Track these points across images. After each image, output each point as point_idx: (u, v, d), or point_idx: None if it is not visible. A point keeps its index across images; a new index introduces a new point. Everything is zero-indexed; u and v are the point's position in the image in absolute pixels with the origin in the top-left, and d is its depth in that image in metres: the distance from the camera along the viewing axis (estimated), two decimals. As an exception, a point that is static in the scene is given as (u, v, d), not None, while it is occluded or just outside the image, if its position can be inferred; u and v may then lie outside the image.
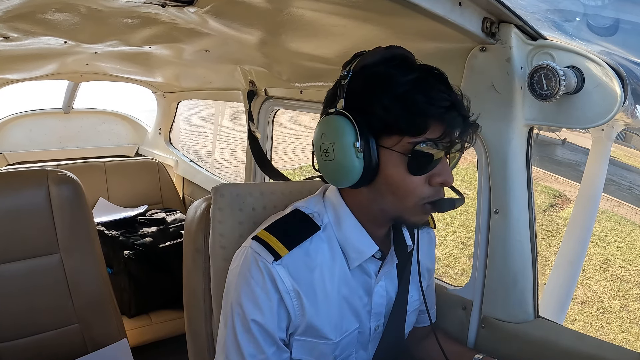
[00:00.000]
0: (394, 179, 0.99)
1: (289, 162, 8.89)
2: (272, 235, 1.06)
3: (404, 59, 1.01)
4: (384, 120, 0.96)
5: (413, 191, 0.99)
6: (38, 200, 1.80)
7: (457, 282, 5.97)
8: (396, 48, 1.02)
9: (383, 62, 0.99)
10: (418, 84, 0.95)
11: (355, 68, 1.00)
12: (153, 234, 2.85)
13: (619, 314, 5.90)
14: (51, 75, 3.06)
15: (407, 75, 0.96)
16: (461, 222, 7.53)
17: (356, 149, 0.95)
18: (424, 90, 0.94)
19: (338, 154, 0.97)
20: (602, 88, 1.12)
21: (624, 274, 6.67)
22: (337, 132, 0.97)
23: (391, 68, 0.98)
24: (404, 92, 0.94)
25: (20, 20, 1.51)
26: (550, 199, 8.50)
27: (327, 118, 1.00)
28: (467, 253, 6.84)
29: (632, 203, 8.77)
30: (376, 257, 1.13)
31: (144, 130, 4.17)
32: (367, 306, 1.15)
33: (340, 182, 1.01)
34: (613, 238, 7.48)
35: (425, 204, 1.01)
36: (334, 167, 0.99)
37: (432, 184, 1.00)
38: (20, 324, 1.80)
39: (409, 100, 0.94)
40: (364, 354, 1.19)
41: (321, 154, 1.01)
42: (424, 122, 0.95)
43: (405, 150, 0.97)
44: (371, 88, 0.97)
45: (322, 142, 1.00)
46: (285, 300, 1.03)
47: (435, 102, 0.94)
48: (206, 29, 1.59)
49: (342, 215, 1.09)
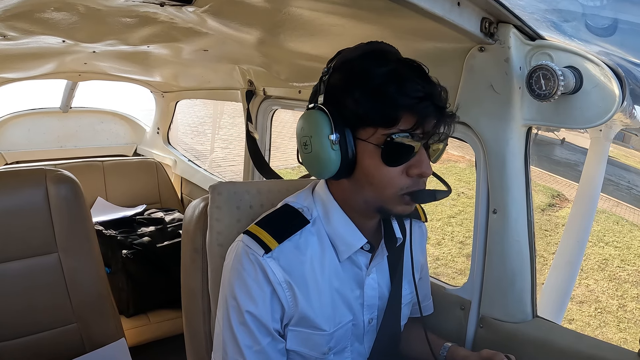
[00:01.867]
0: (370, 170, 1.01)
1: (288, 161, 8.90)
2: (262, 229, 1.08)
3: (382, 53, 1.02)
4: (357, 112, 0.98)
5: (390, 182, 1.01)
6: (36, 200, 1.80)
7: (455, 282, 5.96)
8: (377, 43, 1.04)
9: (361, 57, 1.01)
10: (392, 76, 0.96)
11: (336, 64, 1.03)
12: (151, 234, 2.84)
13: (617, 314, 5.90)
14: (49, 75, 3.06)
15: (381, 67, 0.97)
16: (459, 222, 7.53)
17: (331, 141, 0.98)
18: (397, 82, 0.95)
19: (315, 146, 1.00)
20: (600, 88, 1.13)
21: (622, 274, 6.68)
22: (314, 125, 1.00)
23: (367, 62, 0.99)
24: (378, 85, 0.96)
25: (18, 19, 1.51)
26: (549, 199, 8.50)
27: (307, 113, 1.04)
28: (465, 252, 6.85)
29: (631, 203, 8.77)
30: (365, 250, 1.14)
31: (143, 130, 4.17)
32: (360, 299, 1.16)
33: (319, 174, 1.04)
34: (611, 238, 7.48)
35: (404, 194, 1.02)
36: (312, 159, 1.02)
37: (410, 174, 1.01)
38: (18, 323, 1.79)
39: (381, 92, 0.96)
40: (359, 347, 1.20)
41: (301, 147, 1.04)
42: (395, 112, 0.96)
43: (379, 141, 0.98)
44: (347, 82, 1.00)
45: (302, 136, 1.03)
46: (277, 291, 1.05)
47: (407, 92, 0.95)
48: (205, 29, 1.59)
49: (330, 208, 1.11)
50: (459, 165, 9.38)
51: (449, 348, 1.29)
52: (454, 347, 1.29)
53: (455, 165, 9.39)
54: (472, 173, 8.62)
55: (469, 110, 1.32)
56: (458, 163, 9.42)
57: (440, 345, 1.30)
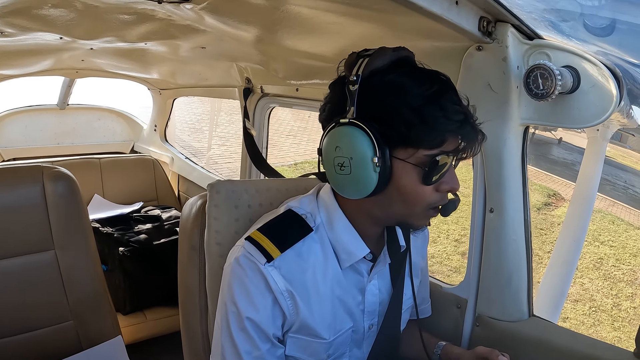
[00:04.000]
0: (407, 189, 0.98)
1: (285, 159, 8.89)
2: (264, 237, 1.06)
3: (413, 65, 1.00)
4: (402, 133, 0.94)
5: (423, 199, 0.99)
6: (33, 197, 1.80)
7: (450, 279, 5.99)
8: (402, 50, 1.00)
9: (393, 68, 0.97)
10: (432, 96, 0.94)
11: (364, 72, 0.96)
12: (148, 231, 2.84)
13: (611, 313, 5.94)
14: (47, 71, 3.05)
15: (421, 85, 0.94)
16: (455, 220, 7.54)
17: (374, 163, 0.94)
18: (440, 103, 0.93)
19: (355, 168, 0.95)
20: (598, 88, 1.13)
21: (616, 273, 6.71)
22: (355, 146, 0.94)
23: (403, 76, 0.95)
24: (421, 105, 0.93)
25: (16, 15, 1.50)
26: (545, 198, 8.51)
27: (341, 129, 0.97)
28: (461, 250, 6.87)
29: (627, 203, 8.79)
30: (367, 259, 1.13)
31: (140, 127, 4.16)
32: (361, 305, 1.15)
33: (352, 194, 1.00)
34: (607, 237, 7.50)
35: (431, 209, 1.02)
36: (349, 181, 0.97)
37: (440, 190, 1.00)
38: (14, 320, 1.79)
39: (427, 114, 0.92)
40: (357, 352, 1.19)
41: (334, 167, 0.98)
42: (442, 136, 0.94)
43: (420, 162, 0.96)
44: (387, 98, 0.95)
45: (337, 155, 0.97)
46: (279, 300, 1.04)
47: (451, 116, 0.93)
48: (202, 26, 1.59)
49: (334, 216, 1.09)
50: (455, 164, 9.34)
51: (442, 347, 1.29)
52: (448, 346, 1.29)
53: (455, 169, 9.35)
54: (468, 172, 8.57)
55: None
56: (454, 162, 9.38)
57: (434, 344, 1.31)
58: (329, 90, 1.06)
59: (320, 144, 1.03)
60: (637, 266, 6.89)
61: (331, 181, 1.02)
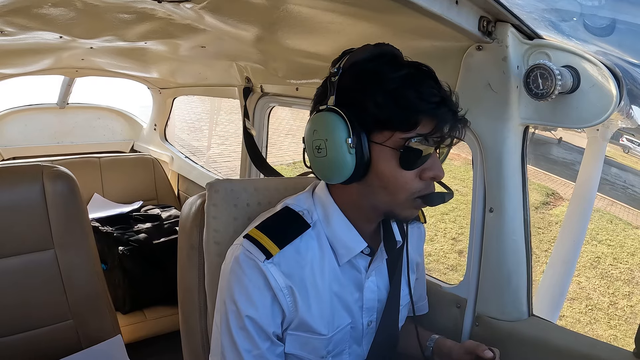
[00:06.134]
0: (386, 174, 0.99)
1: (284, 158, 8.91)
2: (263, 234, 1.06)
3: (392, 55, 1.02)
4: (376, 116, 0.96)
5: (404, 185, 1.00)
6: (33, 196, 1.80)
7: (446, 277, 6.01)
8: (385, 45, 1.03)
9: (372, 58, 1.00)
10: (408, 79, 0.96)
11: (345, 65, 1.00)
12: (148, 230, 2.84)
13: (608, 311, 5.98)
14: (46, 70, 3.05)
15: (397, 71, 0.96)
16: (452, 219, 7.58)
17: (348, 144, 0.96)
18: (415, 86, 0.95)
19: (330, 150, 0.98)
20: (597, 88, 1.13)
21: (614, 272, 6.75)
22: (330, 128, 0.97)
23: (381, 64, 0.98)
24: (395, 88, 0.95)
25: (16, 14, 1.50)
26: (543, 197, 8.54)
27: (319, 115, 1.00)
28: (458, 249, 6.91)
29: (626, 202, 8.81)
30: (365, 254, 1.14)
31: (139, 126, 4.16)
32: (359, 302, 1.16)
33: (332, 178, 1.02)
34: (605, 236, 7.53)
35: (416, 198, 1.02)
36: (326, 163, 1.00)
37: (423, 178, 1.01)
38: (14, 320, 1.79)
39: (400, 96, 0.95)
40: (357, 349, 1.20)
41: (313, 151, 1.01)
42: (415, 117, 0.96)
43: (396, 145, 0.97)
44: (362, 84, 0.98)
45: (314, 139, 1.00)
46: (278, 297, 1.04)
47: (426, 97, 0.95)
48: (202, 25, 1.59)
49: (330, 212, 1.10)
50: (454, 163, 9.40)
51: (435, 340, 1.31)
52: (441, 339, 1.31)
53: (450, 163, 9.41)
54: (467, 171, 8.67)
55: (466, 108, 1.32)
56: (453, 161, 9.44)
57: (427, 337, 1.32)
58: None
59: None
60: (634, 265, 6.94)
61: (312, 167, 1.05)
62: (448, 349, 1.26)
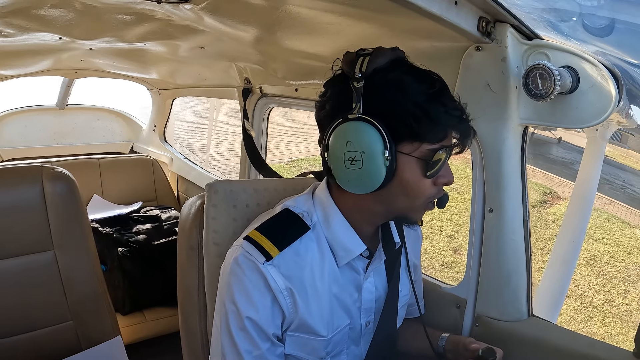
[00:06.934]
0: (410, 183, 1.01)
1: (282, 156, 8.95)
2: (263, 236, 1.06)
3: (410, 64, 1.02)
4: (410, 127, 0.97)
5: (424, 192, 1.03)
6: (32, 197, 1.79)
7: (441, 274, 6.04)
8: (398, 50, 1.02)
9: (393, 66, 1.00)
10: (433, 93, 0.98)
11: (367, 72, 0.98)
12: (147, 231, 2.84)
13: (602, 309, 6.01)
14: (46, 72, 3.05)
15: (421, 83, 0.98)
16: (449, 217, 7.63)
17: (385, 157, 0.97)
18: (440, 100, 0.98)
19: (367, 162, 0.97)
20: (597, 88, 1.13)
21: (610, 270, 6.79)
22: (367, 140, 0.97)
23: (404, 74, 0.99)
24: (424, 101, 0.96)
25: (15, 15, 1.50)
26: (541, 196, 8.57)
27: (352, 125, 0.98)
28: (453, 246, 6.97)
29: (624, 201, 8.84)
30: (363, 256, 1.14)
31: (139, 127, 4.16)
32: (357, 302, 1.16)
33: (360, 190, 1.02)
34: (601, 235, 7.57)
35: (429, 202, 1.06)
36: (360, 175, 0.99)
37: (438, 184, 1.05)
38: (13, 321, 1.79)
39: (431, 110, 0.96)
40: (355, 349, 1.20)
41: (345, 162, 0.99)
42: (444, 130, 1.00)
43: (423, 155, 1.00)
44: (392, 94, 0.97)
45: (348, 150, 0.98)
46: (278, 299, 1.04)
47: (451, 112, 0.98)
48: (201, 26, 1.59)
49: (330, 214, 1.10)
50: (452, 162, 9.38)
51: (446, 338, 1.31)
52: (452, 336, 1.32)
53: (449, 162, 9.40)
54: (464, 170, 8.71)
55: (466, 109, 1.33)
56: (451, 160, 9.41)
57: (438, 336, 1.32)
58: (324, 88, 1.07)
59: (325, 140, 1.03)
60: (631, 263, 6.98)
61: (340, 176, 1.03)
62: (462, 343, 1.26)
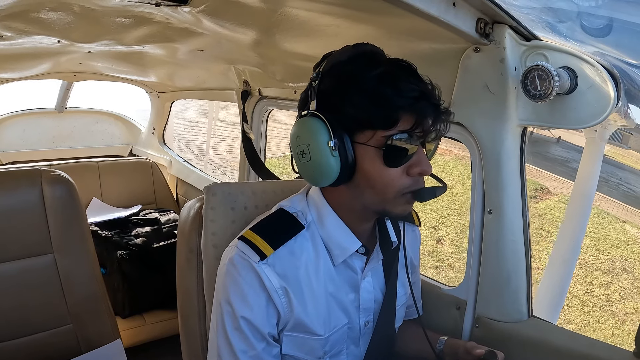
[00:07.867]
0: (372, 173, 1.00)
1: (275, 151, 9.06)
2: (257, 235, 1.07)
3: (371, 55, 1.02)
4: (355, 117, 0.97)
5: (391, 183, 1.00)
6: (31, 200, 1.79)
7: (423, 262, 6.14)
8: (364, 45, 1.03)
9: (351, 60, 1.01)
10: (385, 77, 0.96)
11: (325, 68, 1.02)
12: (146, 234, 2.84)
13: (582, 298, 6.15)
14: (45, 75, 3.05)
15: (373, 70, 0.97)
16: (435, 209, 7.73)
17: (330, 147, 0.97)
18: (392, 83, 0.96)
19: (314, 154, 0.99)
20: (595, 89, 1.13)
21: (594, 262, 6.92)
22: (311, 132, 0.98)
23: (359, 65, 0.99)
24: (372, 87, 0.96)
25: (13, 19, 1.50)
26: (531, 191, 8.67)
27: (301, 120, 1.02)
28: (436, 236, 7.09)
29: (618, 198, 9.02)
30: (360, 253, 1.14)
31: (138, 130, 4.16)
32: (355, 302, 1.16)
33: (319, 182, 1.03)
34: (590, 229, 7.65)
35: (406, 193, 1.02)
36: (311, 167, 1.00)
37: (410, 174, 1.01)
38: (13, 324, 1.78)
39: (378, 95, 0.95)
40: (355, 350, 1.20)
41: (298, 156, 1.02)
42: (395, 114, 0.96)
43: (379, 144, 0.98)
44: (340, 87, 0.99)
45: (298, 144, 1.01)
46: (273, 298, 1.05)
47: (404, 93, 0.95)
48: (200, 29, 1.59)
49: (324, 213, 1.11)
50: (444, 157, 9.50)
51: (445, 342, 1.31)
52: (451, 340, 1.31)
53: (440, 157, 9.49)
54: (456, 165, 8.80)
55: (465, 110, 1.33)
56: (443, 156, 9.55)
57: (436, 339, 1.32)
58: None
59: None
60: (616, 256, 7.10)
61: (299, 171, 1.05)
62: (463, 347, 1.26)
